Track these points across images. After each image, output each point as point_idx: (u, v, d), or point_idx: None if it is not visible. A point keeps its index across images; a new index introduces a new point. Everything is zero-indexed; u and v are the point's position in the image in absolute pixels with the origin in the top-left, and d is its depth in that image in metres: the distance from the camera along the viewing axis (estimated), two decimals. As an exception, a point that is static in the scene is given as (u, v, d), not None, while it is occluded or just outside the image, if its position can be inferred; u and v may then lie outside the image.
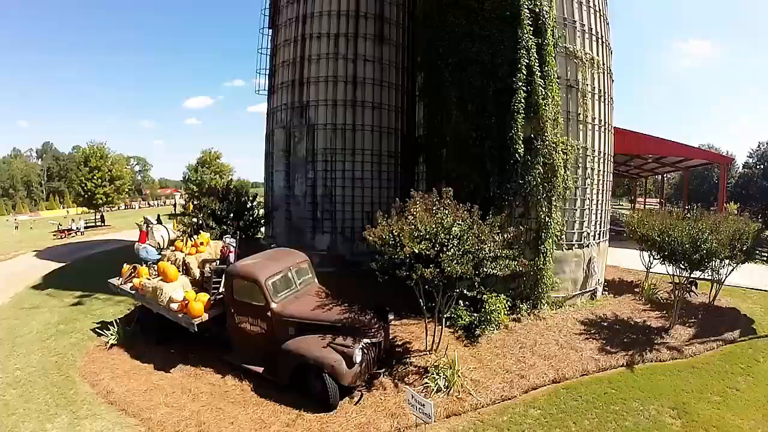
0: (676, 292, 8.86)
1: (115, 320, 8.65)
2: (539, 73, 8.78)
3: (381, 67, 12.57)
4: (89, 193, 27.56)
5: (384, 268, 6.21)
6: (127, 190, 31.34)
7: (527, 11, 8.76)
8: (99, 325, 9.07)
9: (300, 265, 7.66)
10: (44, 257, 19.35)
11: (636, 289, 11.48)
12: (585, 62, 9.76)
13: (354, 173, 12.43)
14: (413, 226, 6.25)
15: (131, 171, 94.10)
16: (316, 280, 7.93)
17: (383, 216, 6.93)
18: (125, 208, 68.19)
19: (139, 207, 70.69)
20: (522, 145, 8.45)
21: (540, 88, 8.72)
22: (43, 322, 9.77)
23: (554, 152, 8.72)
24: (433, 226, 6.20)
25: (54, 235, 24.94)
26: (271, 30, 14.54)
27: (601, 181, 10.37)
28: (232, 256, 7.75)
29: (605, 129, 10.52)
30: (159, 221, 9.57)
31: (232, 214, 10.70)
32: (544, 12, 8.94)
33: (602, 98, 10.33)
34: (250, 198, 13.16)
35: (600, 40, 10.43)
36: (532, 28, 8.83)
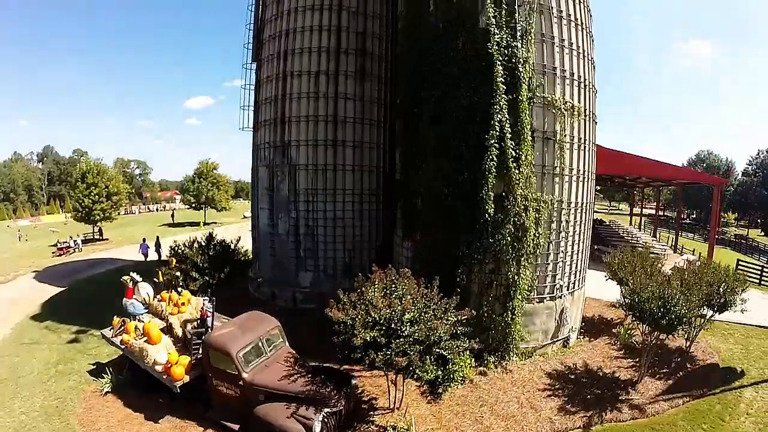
0: (647, 347, 8.96)
1: (108, 368, 9.23)
2: (511, 133, 8.73)
3: (362, 104, 12.68)
4: (87, 209, 28.02)
5: (344, 347, 6.51)
6: (124, 204, 31.69)
7: (501, 65, 8.69)
8: (95, 366, 9.85)
9: (270, 332, 8.07)
10: (43, 279, 19.95)
11: (615, 330, 11.63)
12: (564, 112, 9.62)
13: (335, 213, 12.70)
14: (366, 312, 6.50)
15: (131, 173, 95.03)
16: (286, 344, 8.33)
17: (345, 293, 7.17)
18: (125, 214, 69.00)
19: (139, 212, 71.40)
20: (492, 205, 8.53)
21: (511, 150, 8.71)
22: (43, 361, 10.43)
23: (526, 211, 8.78)
24: (387, 310, 6.43)
25: (53, 253, 25.46)
26: (255, 63, 14.70)
27: (578, 231, 10.31)
28: (209, 320, 8.18)
29: (585, 178, 10.42)
30: (144, 279, 10.03)
31: (214, 269, 11.00)
32: (521, 62, 8.81)
33: (582, 146, 10.21)
34: (234, 242, 13.39)
35: (583, 84, 10.22)
36: (506, 80, 8.76)
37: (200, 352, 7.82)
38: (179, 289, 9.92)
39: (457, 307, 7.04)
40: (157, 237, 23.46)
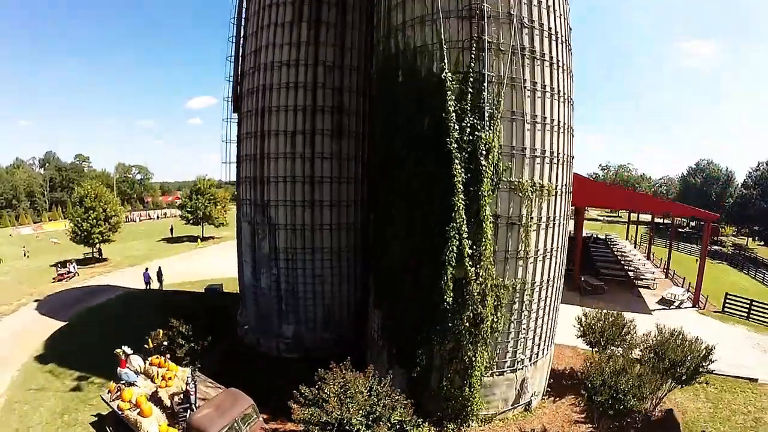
0: (602, 426, 9.36)
1: (108, 427, 10.09)
2: (472, 223, 8.81)
3: (339, 162, 13.06)
4: (86, 233, 28.89)
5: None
6: (121, 226, 32.55)
7: (461, 160, 8.64)
8: (96, 418, 10.99)
9: (245, 411, 8.89)
10: (45, 311, 20.96)
11: (582, 388, 12.03)
12: (533, 195, 9.51)
13: (314, 271, 13.28)
14: (320, 411, 7.12)
15: (133, 179, 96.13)
16: (260, 419, 9.12)
17: (305, 390, 7.78)
18: (126, 221, 70.14)
19: (140, 219, 72.51)
20: (451, 294, 8.86)
21: (468, 248, 8.81)
22: (50, 410, 11.56)
23: (483, 300, 9.06)
24: (338, 412, 7.03)
25: (53, 278, 26.38)
26: (236, 115, 15.09)
27: (542, 307, 10.39)
28: (192, 397, 9.03)
29: (553, 256, 10.39)
30: (134, 352, 10.91)
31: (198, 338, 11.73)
32: (485, 151, 8.71)
33: (552, 224, 10.10)
34: (220, 306, 14.12)
35: (557, 158, 9.95)
36: (469, 171, 8.74)
37: (186, 428, 8.73)
38: (167, 356, 10.69)
39: (416, 383, 7.60)
40: (159, 267, 24.55)
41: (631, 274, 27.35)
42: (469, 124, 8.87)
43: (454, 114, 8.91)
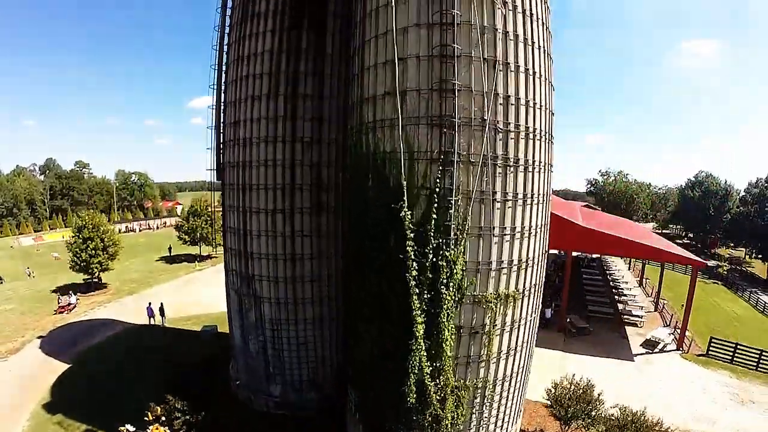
0: None
1: None
2: (430, 343, 9.06)
3: (319, 239, 13.52)
4: (85, 263, 29.79)
5: None
6: (120, 252, 33.42)
7: (421, 286, 8.71)
8: None
9: None
10: (49, 350, 22.00)
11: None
12: (497, 306, 9.69)
13: (299, 339, 13.99)
14: None
15: (132, 186, 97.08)
16: None
17: None
18: (125, 231, 71.18)
19: (140, 229, 73.54)
20: (414, 395, 9.32)
21: (425, 356, 9.11)
22: None
23: (445, 400, 9.54)
24: None
25: (54, 311, 27.33)
26: (220, 182, 15.30)
27: (507, 396, 10.73)
28: None
29: (520, 353, 10.67)
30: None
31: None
32: (448, 273, 8.71)
33: (518, 326, 10.28)
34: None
35: (527, 265, 10.07)
36: (431, 291, 8.85)
37: None
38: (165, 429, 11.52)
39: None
40: (161, 304, 25.64)
41: (620, 306, 27.93)
42: (433, 247, 8.99)
43: (416, 238, 8.99)
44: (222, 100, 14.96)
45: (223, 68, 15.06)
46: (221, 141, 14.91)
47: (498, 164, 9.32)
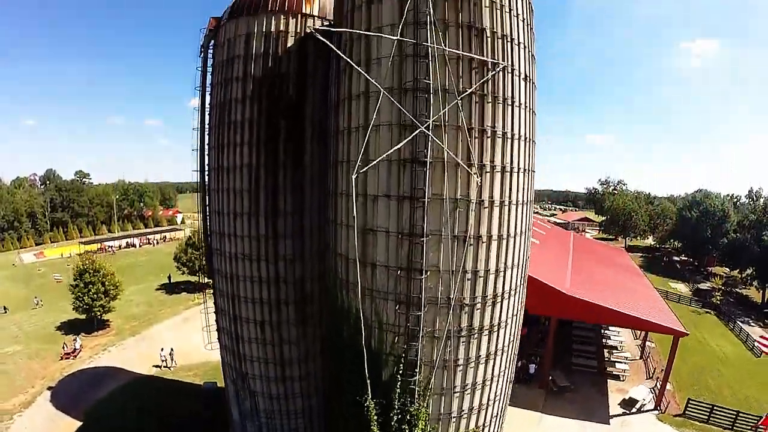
0: None
1: None
2: None
3: (306, 346, 14.68)
4: (87, 306, 31.37)
5: None
6: (120, 291, 34.91)
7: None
8: None
9: None
10: (59, 403, 23.67)
11: None
12: None
13: (290, 426, 15.44)
14: None
15: (133, 197, 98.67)
16: None
17: None
18: (126, 247, 72.80)
19: (141, 245, 75.07)
20: None
21: None
22: None
23: None
24: None
25: (60, 357, 28.91)
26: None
27: None
28: None
29: None
30: None
31: None
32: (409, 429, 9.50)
33: None
34: None
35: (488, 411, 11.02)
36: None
37: None
38: None
39: None
40: (171, 349, 27.64)
41: (606, 353, 29.15)
42: (398, 405, 9.96)
43: (383, 395, 9.87)
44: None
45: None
46: (210, 247, 15.85)
47: (462, 336, 10.11)
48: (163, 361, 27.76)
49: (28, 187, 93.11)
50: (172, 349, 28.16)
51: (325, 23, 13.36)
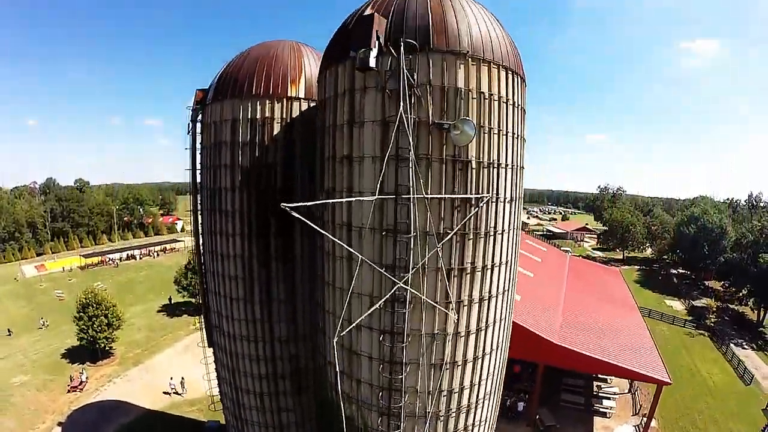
0: None
1: None
2: None
3: (302, 413, 15.68)
4: (92, 338, 32.64)
5: None
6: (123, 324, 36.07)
7: None
8: None
9: None
10: None
11: None
12: None
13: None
14: None
15: (134, 206, 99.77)
16: None
17: None
18: (127, 259, 73.96)
19: (141, 257, 76.20)
20: None
21: None
22: None
23: None
24: None
25: (68, 390, 30.20)
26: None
27: None
28: None
29: None
30: None
31: None
32: None
33: None
34: None
35: None
36: None
37: None
38: None
39: None
40: (182, 378, 29.74)
41: (595, 386, 30.21)
42: None
43: None
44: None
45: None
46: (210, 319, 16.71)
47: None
48: (172, 389, 29.48)
49: (28, 196, 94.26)
50: (182, 378, 29.71)
51: (312, 103, 13.61)
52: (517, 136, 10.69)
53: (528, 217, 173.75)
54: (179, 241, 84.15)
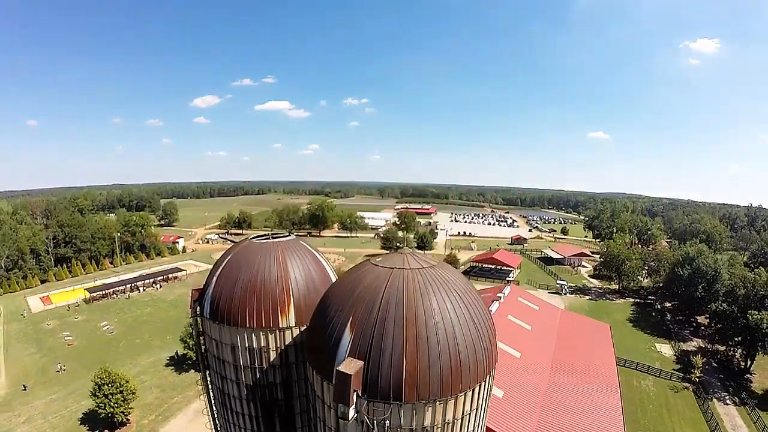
0: None
1: None
2: None
3: None
4: (110, 414, 35.41)
5: None
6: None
7: None
8: None
9: None
10: None
11: None
12: None
13: None
14: None
15: (136, 228, 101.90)
16: None
17: None
18: (131, 291, 76.19)
19: (144, 289, 78.48)
20: None
21: None
22: None
23: None
24: None
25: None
26: None
27: None
28: None
29: None
30: None
31: None
32: None
33: None
34: None
35: None
36: None
37: None
38: None
39: None
40: None
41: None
42: None
43: None
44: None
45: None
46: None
47: None
48: None
49: (29, 219, 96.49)
50: None
51: (302, 328, 14.88)
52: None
53: (529, 230, 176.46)
54: (181, 270, 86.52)
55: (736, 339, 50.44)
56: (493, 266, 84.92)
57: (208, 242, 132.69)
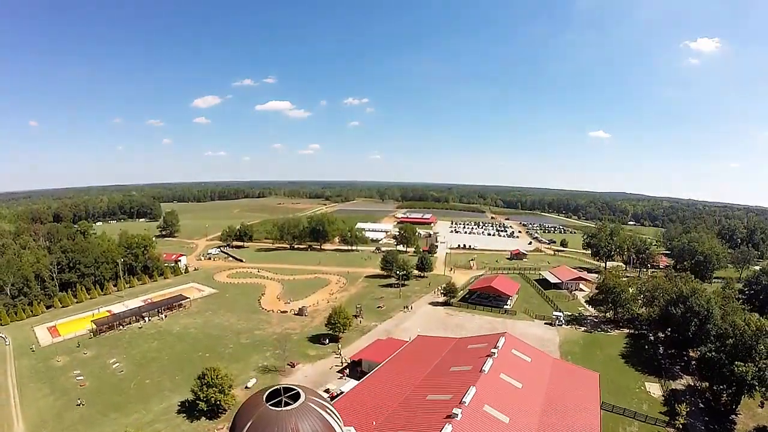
0: None
1: None
2: None
3: None
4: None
5: None
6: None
7: None
8: None
9: None
10: None
11: None
12: None
13: None
14: None
15: (138, 249, 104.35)
16: None
17: None
18: (136, 321, 78.43)
19: (149, 319, 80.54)
20: None
21: None
22: None
23: None
24: None
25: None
26: None
27: None
28: None
29: None
30: None
31: None
32: None
33: None
34: None
35: None
36: None
37: None
38: None
39: None
40: None
41: None
42: None
43: None
44: None
45: None
46: None
47: None
48: None
49: (33, 243, 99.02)
50: None
51: None
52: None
53: (529, 242, 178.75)
54: (185, 297, 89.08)
55: (721, 387, 53.09)
56: (492, 294, 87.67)
57: (210, 258, 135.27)
